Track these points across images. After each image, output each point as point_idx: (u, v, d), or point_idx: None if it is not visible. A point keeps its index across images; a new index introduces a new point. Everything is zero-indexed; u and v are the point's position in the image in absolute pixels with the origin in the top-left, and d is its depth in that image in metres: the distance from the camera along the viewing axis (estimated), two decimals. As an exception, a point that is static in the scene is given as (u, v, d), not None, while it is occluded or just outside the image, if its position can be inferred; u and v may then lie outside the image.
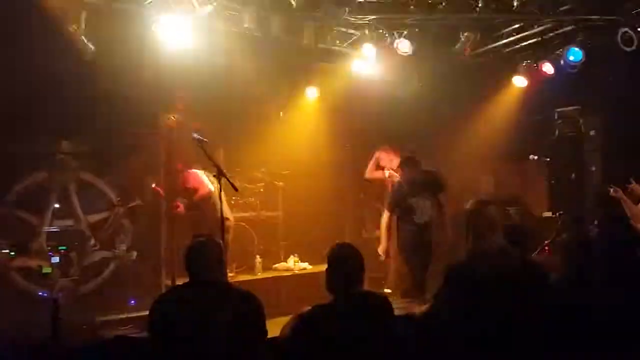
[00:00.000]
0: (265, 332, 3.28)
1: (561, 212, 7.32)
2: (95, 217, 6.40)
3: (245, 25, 6.48)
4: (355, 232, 8.45)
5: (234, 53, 6.91)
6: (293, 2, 6.26)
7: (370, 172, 7.59)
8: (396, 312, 3.34)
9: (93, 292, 6.30)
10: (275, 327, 3.39)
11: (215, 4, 6.07)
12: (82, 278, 6.24)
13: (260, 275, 7.18)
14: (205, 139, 4.70)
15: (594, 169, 7.63)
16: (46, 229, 6.07)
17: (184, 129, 7.02)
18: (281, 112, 8.63)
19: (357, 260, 3.22)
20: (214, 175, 4.69)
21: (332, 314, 3.09)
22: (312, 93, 8.53)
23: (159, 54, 6.64)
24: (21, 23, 5.77)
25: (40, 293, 5.93)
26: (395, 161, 7.27)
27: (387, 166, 7.32)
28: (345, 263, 3.20)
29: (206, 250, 3.23)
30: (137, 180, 6.66)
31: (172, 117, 7.40)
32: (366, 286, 3.35)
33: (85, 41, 6.07)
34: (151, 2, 6.15)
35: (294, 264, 7.50)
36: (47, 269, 5.98)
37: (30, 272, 5.93)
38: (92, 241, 6.33)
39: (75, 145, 6.24)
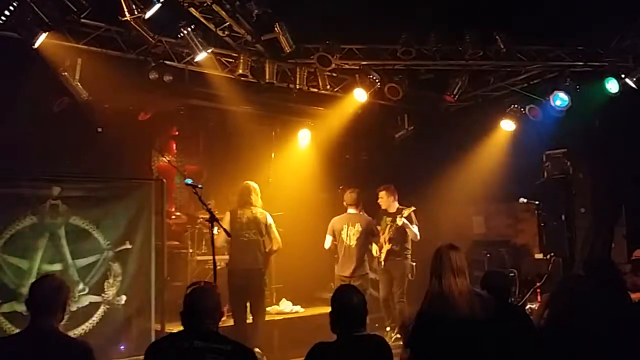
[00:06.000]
0: None
1: (552, 253, 7.36)
2: (84, 262, 6.29)
3: (240, 72, 6.62)
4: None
5: (228, 98, 7.03)
6: (286, 49, 6.39)
7: None
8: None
9: (82, 337, 6.18)
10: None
11: (210, 51, 6.19)
12: (71, 323, 6.13)
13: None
14: (199, 185, 4.71)
15: (583, 210, 7.71)
16: (35, 273, 5.98)
17: (177, 170, 7.07)
18: (273, 154, 8.70)
19: (360, 303, 3.26)
20: (207, 221, 4.68)
21: (335, 353, 3.15)
22: (304, 136, 8.62)
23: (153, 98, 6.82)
24: (19, 68, 5.84)
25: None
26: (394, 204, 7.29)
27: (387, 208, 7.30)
28: (349, 305, 3.23)
29: (204, 299, 3.13)
30: (128, 223, 6.60)
31: (165, 159, 7.45)
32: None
33: (80, 86, 6.16)
34: (147, 48, 6.28)
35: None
36: (36, 314, 5.88)
37: (19, 317, 5.81)
38: (81, 286, 6.24)
39: (65, 190, 6.20)
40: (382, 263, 7.14)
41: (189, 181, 4.80)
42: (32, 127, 6.12)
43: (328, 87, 7.60)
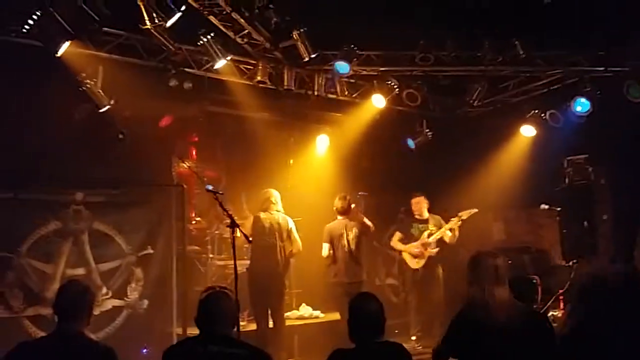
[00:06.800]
0: None
1: (575, 260, 7.26)
2: (106, 266, 6.42)
3: (258, 78, 6.68)
4: (368, 279, 8.40)
5: (247, 104, 7.09)
6: (305, 57, 6.43)
7: None
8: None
9: (104, 341, 6.25)
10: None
11: (229, 58, 6.26)
12: (94, 326, 6.20)
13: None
14: (220, 191, 4.77)
15: (605, 217, 7.62)
16: (59, 277, 6.08)
17: (197, 176, 7.13)
18: (291, 160, 8.73)
19: (379, 310, 3.24)
20: (227, 226, 4.73)
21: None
22: (322, 141, 8.64)
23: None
24: (42, 76, 5.96)
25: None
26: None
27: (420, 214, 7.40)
28: (367, 312, 3.22)
29: (219, 305, 3.16)
30: (150, 229, 6.69)
31: (185, 165, 7.52)
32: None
33: (102, 94, 6.26)
34: (167, 56, 6.36)
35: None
36: (59, 318, 5.97)
37: (44, 320, 5.91)
38: (104, 290, 6.34)
39: (88, 196, 6.31)
40: (419, 270, 7.19)
41: (210, 187, 4.86)
42: (55, 134, 6.22)
43: (346, 93, 7.63)
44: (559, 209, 7.37)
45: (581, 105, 7.11)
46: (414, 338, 7.22)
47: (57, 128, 6.22)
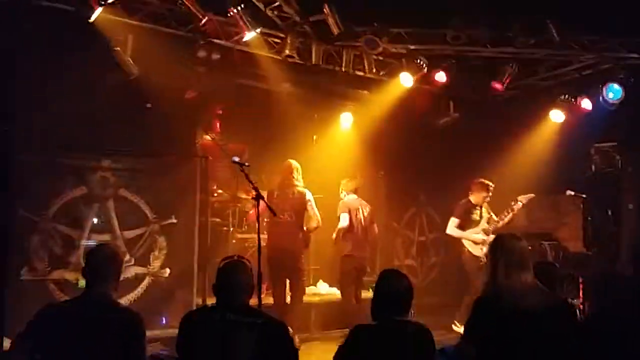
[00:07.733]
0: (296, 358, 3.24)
1: (596, 249, 7.21)
2: (131, 233, 6.50)
3: (287, 52, 6.63)
4: (387, 259, 8.43)
5: (274, 78, 7.05)
6: (334, 31, 6.36)
7: None
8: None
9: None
10: (303, 354, 3.33)
11: (259, 31, 6.22)
12: (116, 293, 6.30)
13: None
14: (246, 163, 4.78)
15: (631, 206, 7.53)
16: (84, 243, 6.17)
17: (221, 149, 7.16)
18: (315, 136, 8.71)
19: (408, 288, 3.23)
20: (253, 198, 4.75)
21: (376, 336, 3.12)
22: (347, 119, 8.59)
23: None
24: (74, 42, 5.97)
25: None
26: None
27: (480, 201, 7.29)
28: (396, 289, 3.21)
29: (237, 274, 3.17)
30: (174, 198, 6.75)
31: (209, 137, 7.54)
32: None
33: (131, 62, 6.27)
34: (194, 26, 6.32)
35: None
36: (82, 282, 6.07)
37: (67, 284, 6.03)
38: (127, 257, 6.42)
39: (115, 163, 6.37)
40: (482, 257, 7.10)
41: (236, 159, 4.88)
42: (84, 100, 6.24)
43: (374, 70, 7.54)
44: (583, 196, 7.26)
45: (613, 92, 6.97)
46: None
47: (86, 94, 6.24)
